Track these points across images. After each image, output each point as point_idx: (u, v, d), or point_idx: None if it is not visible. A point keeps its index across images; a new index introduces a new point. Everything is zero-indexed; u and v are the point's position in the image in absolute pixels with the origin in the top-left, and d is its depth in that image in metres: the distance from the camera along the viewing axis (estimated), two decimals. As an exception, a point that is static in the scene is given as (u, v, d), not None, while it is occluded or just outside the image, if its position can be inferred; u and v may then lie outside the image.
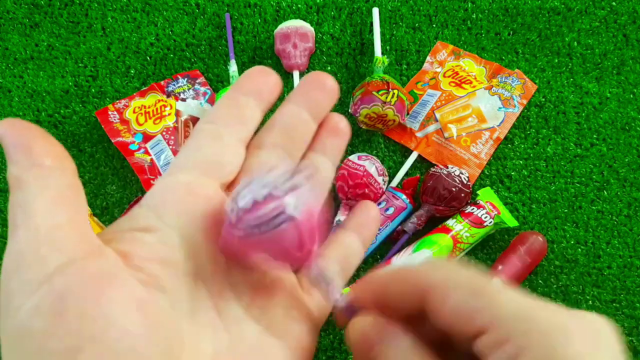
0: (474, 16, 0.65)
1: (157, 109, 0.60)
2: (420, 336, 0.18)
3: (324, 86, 0.23)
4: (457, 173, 0.54)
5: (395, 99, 0.55)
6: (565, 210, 0.57)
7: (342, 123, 0.25)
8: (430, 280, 0.18)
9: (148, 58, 0.64)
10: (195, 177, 0.20)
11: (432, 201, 0.53)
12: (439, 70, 0.63)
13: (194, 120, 0.59)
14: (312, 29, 0.62)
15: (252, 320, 0.20)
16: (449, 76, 0.62)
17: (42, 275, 0.15)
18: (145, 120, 0.59)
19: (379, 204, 0.55)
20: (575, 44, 0.64)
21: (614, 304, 0.54)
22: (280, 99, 0.23)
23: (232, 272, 0.20)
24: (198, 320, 0.18)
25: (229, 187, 0.21)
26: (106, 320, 0.15)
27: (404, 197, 0.55)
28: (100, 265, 0.16)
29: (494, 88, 0.60)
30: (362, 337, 0.19)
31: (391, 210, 0.54)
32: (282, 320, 0.21)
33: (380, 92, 0.55)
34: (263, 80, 0.23)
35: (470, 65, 0.62)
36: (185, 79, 0.62)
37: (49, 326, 0.15)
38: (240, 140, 0.22)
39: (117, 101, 0.60)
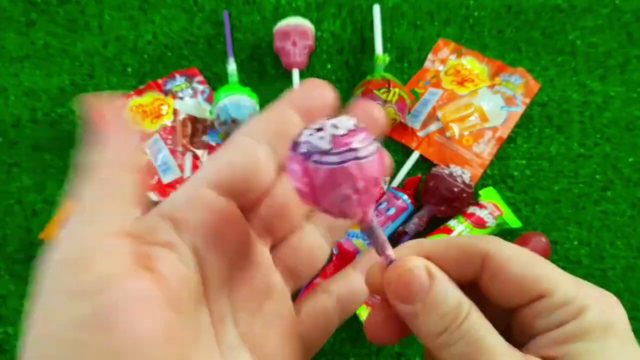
0: (476, 14, 0.64)
1: (154, 108, 0.59)
2: None
3: (322, 96, 0.22)
4: (459, 173, 0.53)
5: (396, 97, 0.54)
6: (569, 211, 0.56)
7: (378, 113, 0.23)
8: (490, 248, 0.19)
9: (145, 56, 0.63)
10: (219, 195, 0.20)
11: (434, 201, 0.53)
12: (440, 68, 0.62)
13: (192, 119, 0.59)
14: (311, 26, 0.62)
15: (247, 350, 0.20)
16: (450, 74, 0.61)
17: (88, 287, 0.15)
18: (143, 119, 0.58)
19: (380, 204, 0.54)
20: (579, 42, 0.63)
21: (618, 306, 0.53)
22: (280, 97, 0.22)
23: (234, 296, 0.20)
24: (201, 347, 0.18)
25: (252, 207, 0.21)
26: (135, 345, 0.15)
27: (405, 197, 0.54)
28: (138, 286, 0.16)
29: (496, 87, 0.59)
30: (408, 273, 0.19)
31: (392, 211, 0.53)
32: (276, 353, 0.21)
33: (381, 91, 0.54)
34: (317, 95, 0.21)
35: (473, 64, 0.61)
36: (183, 77, 0.61)
37: (85, 340, 0.15)
38: (273, 160, 0.21)
39: (114, 100, 0.59)
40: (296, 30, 0.60)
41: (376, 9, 0.62)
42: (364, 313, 0.48)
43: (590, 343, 0.17)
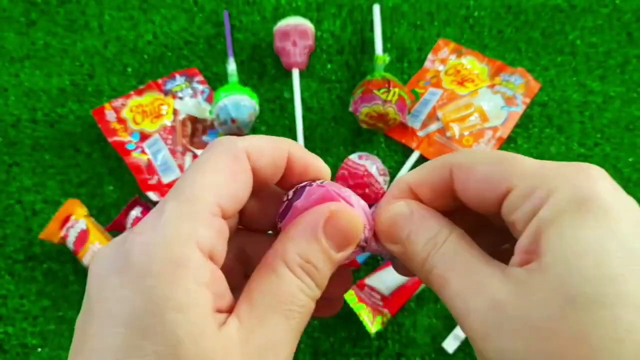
0: (476, 14, 0.64)
1: (154, 108, 0.59)
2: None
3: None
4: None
5: (396, 97, 0.54)
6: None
7: None
8: (455, 160, 0.19)
9: (145, 56, 0.63)
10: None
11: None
12: (440, 68, 0.62)
13: (192, 119, 0.59)
14: (312, 26, 0.62)
15: None
16: (450, 74, 0.61)
17: (167, 347, 0.15)
18: (143, 119, 0.58)
19: (380, 204, 0.54)
20: (579, 42, 0.63)
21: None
22: (281, 98, 0.22)
23: None
24: None
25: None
26: None
27: (405, 197, 0.54)
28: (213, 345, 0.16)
29: (496, 86, 0.59)
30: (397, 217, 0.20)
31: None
32: None
33: (381, 91, 0.54)
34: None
35: (473, 64, 0.61)
36: (183, 77, 0.61)
37: None
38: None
39: (114, 100, 0.59)
40: (296, 30, 0.60)
41: (376, 9, 0.62)
42: (363, 313, 0.48)
43: (561, 229, 0.15)
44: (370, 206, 0.22)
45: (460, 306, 0.17)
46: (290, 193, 0.21)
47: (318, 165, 0.22)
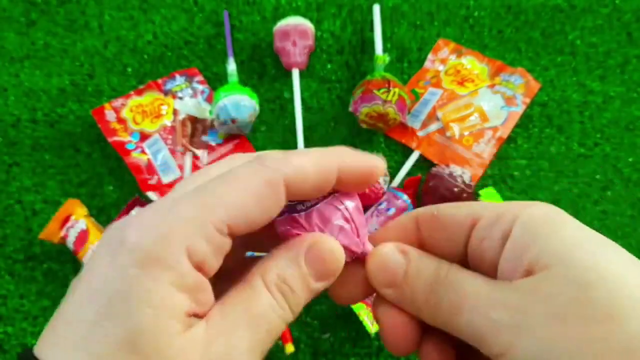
0: (476, 14, 0.64)
1: (154, 108, 0.59)
2: None
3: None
4: (459, 173, 0.53)
5: (396, 97, 0.54)
6: (569, 211, 0.55)
7: None
8: (419, 210, 0.21)
9: (145, 56, 0.63)
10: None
11: (434, 201, 0.52)
12: (440, 68, 0.62)
13: (192, 119, 0.59)
14: (311, 26, 0.62)
15: None
16: (450, 74, 0.61)
17: (127, 333, 0.15)
18: (143, 119, 0.58)
19: (380, 204, 0.54)
20: (579, 42, 0.63)
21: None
22: (281, 98, 0.22)
23: None
24: None
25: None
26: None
27: (405, 197, 0.54)
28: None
29: (496, 86, 0.59)
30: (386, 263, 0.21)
31: (392, 211, 0.53)
32: None
33: (381, 91, 0.54)
34: None
35: (473, 64, 0.61)
36: (183, 77, 0.61)
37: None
38: None
39: (114, 100, 0.59)
40: (296, 30, 0.60)
41: (376, 9, 0.62)
42: (363, 313, 0.48)
43: (544, 235, 0.17)
44: (370, 206, 0.22)
45: (480, 323, 0.17)
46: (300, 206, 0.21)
47: (366, 171, 0.20)
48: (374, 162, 0.20)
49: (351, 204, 0.21)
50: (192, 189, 0.18)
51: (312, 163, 0.19)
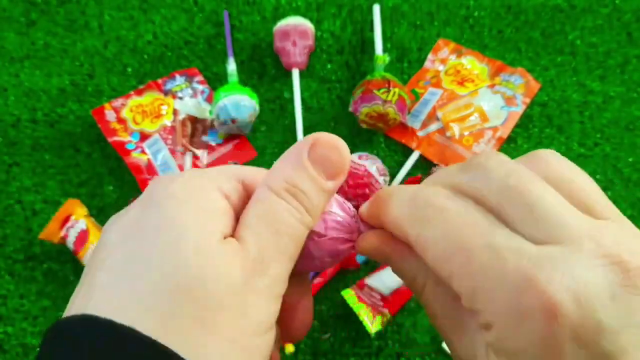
0: (475, 14, 0.64)
1: (154, 108, 0.59)
2: None
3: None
4: (459, 173, 0.53)
5: (396, 97, 0.54)
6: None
7: None
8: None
9: (145, 56, 0.63)
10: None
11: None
12: (440, 68, 0.62)
13: (192, 119, 0.59)
14: (312, 26, 0.62)
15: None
16: (450, 74, 0.61)
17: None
18: (143, 119, 0.58)
19: (380, 204, 0.54)
20: (579, 42, 0.63)
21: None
22: (281, 98, 0.22)
23: None
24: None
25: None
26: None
27: (405, 197, 0.54)
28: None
29: (496, 86, 0.59)
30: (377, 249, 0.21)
31: (392, 211, 0.53)
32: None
33: (381, 91, 0.54)
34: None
35: (473, 64, 0.61)
36: (183, 77, 0.61)
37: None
38: None
39: (114, 100, 0.59)
40: (296, 30, 0.60)
41: (376, 9, 0.62)
42: (363, 313, 0.48)
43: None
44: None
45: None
46: None
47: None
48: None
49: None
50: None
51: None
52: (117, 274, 0.16)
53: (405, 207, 0.19)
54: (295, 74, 0.60)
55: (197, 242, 0.16)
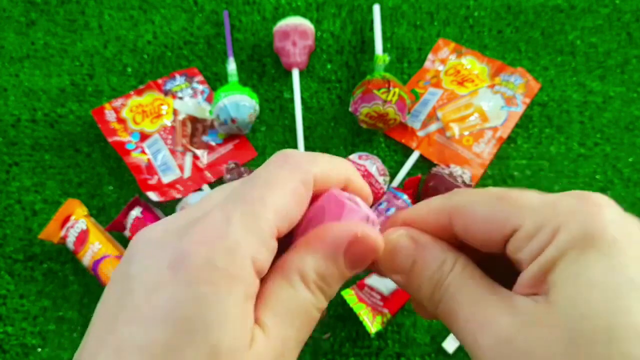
0: (476, 14, 0.64)
1: (154, 108, 0.59)
2: None
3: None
4: (459, 173, 0.53)
5: (396, 97, 0.54)
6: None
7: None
8: (453, 202, 0.19)
9: (145, 56, 0.63)
10: None
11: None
12: (440, 68, 0.62)
13: (192, 119, 0.59)
14: (311, 26, 0.62)
15: None
16: (450, 74, 0.61)
17: (206, 355, 0.15)
18: (142, 119, 0.58)
19: (380, 204, 0.54)
20: (579, 42, 0.63)
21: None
22: (281, 98, 0.22)
23: None
24: None
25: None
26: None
27: (405, 197, 0.54)
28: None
29: (496, 86, 0.59)
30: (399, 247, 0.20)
31: (392, 211, 0.53)
32: None
33: (381, 91, 0.54)
34: None
35: (473, 64, 0.61)
36: (183, 77, 0.61)
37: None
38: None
39: (114, 100, 0.59)
40: (296, 30, 0.60)
41: (376, 9, 0.62)
42: (363, 313, 0.48)
43: (568, 266, 0.15)
44: (369, 207, 0.22)
45: (469, 342, 0.17)
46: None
47: (367, 192, 0.22)
48: (368, 190, 0.22)
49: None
50: (232, 195, 0.18)
51: (332, 166, 0.20)
52: (150, 355, 0.15)
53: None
54: (295, 74, 0.60)
55: (228, 324, 0.15)
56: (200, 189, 0.56)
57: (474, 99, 0.59)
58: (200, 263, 0.15)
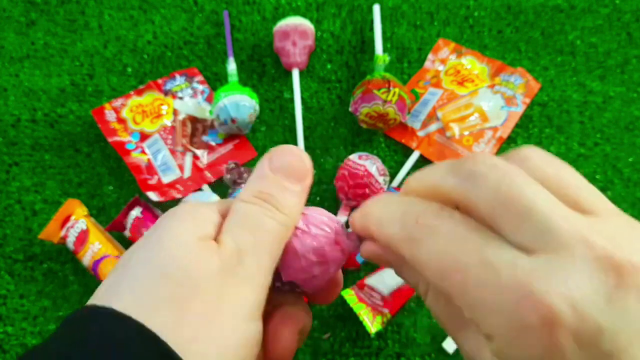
0: (476, 14, 0.64)
1: (154, 108, 0.59)
2: None
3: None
4: (459, 173, 0.53)
5: (396, 97, 0.54)
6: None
7: None
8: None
9: (145, 56, 0.63)
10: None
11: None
12: (440, 68, 0.62)
13: (192, 119, 0.59)
14: (311, 26, 0.62)
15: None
16: (450, 74, 0.61)
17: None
18: (143, 119, 0.58)
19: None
20: (579, 42, 0.63)
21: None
22: (281, 98, 0.22)
23: None
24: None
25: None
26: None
27: (405, 197, 0.54)
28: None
29: (496, 86, 0.59)
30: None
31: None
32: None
33: (381, 91, 0.54)
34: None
35: (473, 64, 0.61)
36: (183, 77, 0.61)
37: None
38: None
39: (114, 100, 0.59)
40: (296, 30, 0.60)
41: (376, 9, 0.62)
42: (363, 313, 0.48)
43: None
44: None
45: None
46: None
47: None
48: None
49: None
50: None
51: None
52: (120, 272, 0.19)
53: (396, 227, 0.19)
54: (295, 74, 0.60)
55: (180, 239, 0.18)
56: (200, 189, 0.56)
57: (474, 99, 0.59)
58: (168, 211, 0.20)
